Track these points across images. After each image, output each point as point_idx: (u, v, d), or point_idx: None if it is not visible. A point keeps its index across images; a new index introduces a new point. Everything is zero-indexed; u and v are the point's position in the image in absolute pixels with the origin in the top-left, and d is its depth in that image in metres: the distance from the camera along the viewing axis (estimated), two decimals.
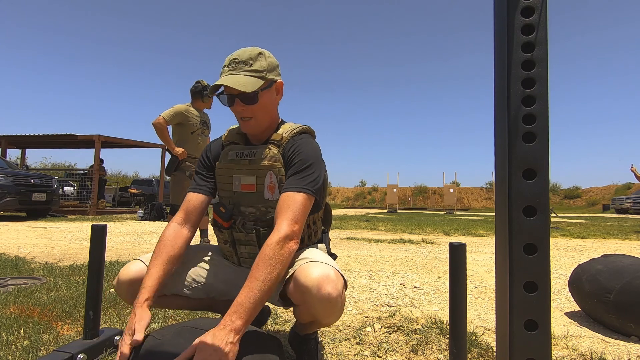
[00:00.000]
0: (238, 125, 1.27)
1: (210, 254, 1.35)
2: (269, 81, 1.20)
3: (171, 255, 1.16)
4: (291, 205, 1.08)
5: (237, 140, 1.29)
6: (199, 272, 1.28)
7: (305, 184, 1.13)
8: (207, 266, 1.30)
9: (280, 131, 1.25)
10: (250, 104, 1.17)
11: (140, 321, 0.99)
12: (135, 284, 1.16)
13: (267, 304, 1.64)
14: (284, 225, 1.04)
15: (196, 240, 3.97)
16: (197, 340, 0.86)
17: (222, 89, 1.19)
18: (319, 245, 1.35)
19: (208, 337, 0.86)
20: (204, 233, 3.99)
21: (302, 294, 1.05)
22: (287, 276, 1.13)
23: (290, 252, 1.03)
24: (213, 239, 4.11)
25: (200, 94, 3.83)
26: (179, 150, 3.75)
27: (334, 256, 1.33)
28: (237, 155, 1.25)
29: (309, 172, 1.16)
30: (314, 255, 1.16)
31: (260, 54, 1.20)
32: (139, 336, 0.95)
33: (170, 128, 3.77)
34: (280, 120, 1.31)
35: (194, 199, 1.27)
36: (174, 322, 1.67)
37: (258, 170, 1.21)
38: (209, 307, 1.36)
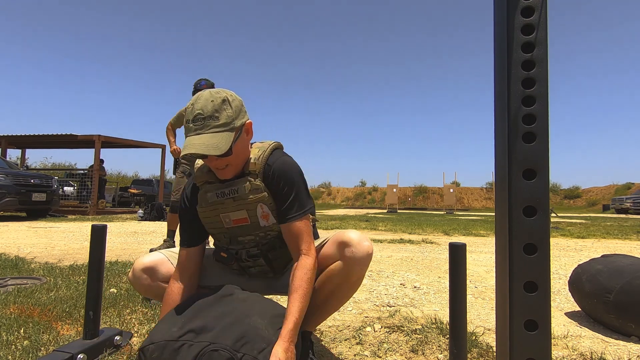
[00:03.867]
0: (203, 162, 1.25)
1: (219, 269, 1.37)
2: (239, 129, 1.15)
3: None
4: (302, 234, 1.19)
5: (210, 179, 1.24)
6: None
7: (304, 208, 1.21)
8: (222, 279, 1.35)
9: (252, 159, 1.21)
10: (224, 156, 1.13)
11: None
12: (148, 272, 1.26)
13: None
14: (311, 250, 1.19)
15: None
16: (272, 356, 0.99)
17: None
18: None
19: (278, 352, 1.00)
20: (172, 234, 3.82)
21: (344, 246, 1.18)
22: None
23: (316, 270, 1.20)
24: None
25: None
26: (173, 148, 3.82)
27: None
28: (217, 195, 1.21)
29: (300, 194, 1.21)
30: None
31: (224, 101, 1.13)
32: None
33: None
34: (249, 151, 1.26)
35: (184, 255, 1.26)
36: None
37: (247, 204, 1.20)
38: None
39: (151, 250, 3.45)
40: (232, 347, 0.96)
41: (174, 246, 3.67)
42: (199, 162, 1.29)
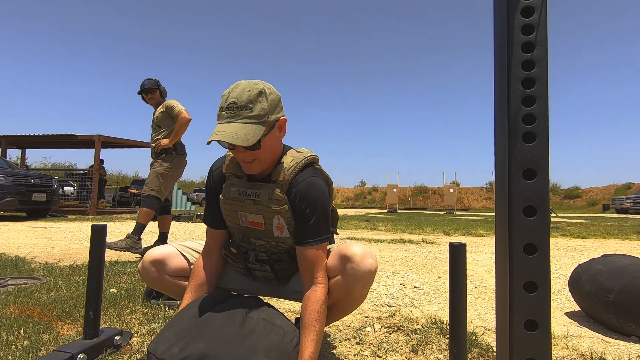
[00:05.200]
0: None
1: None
2: (271, 123, 1.12)
3: (199, 284, 1.26)
4: (316, 261, 1.17)
5: (238, 172, 1.22)
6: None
7: (320, 236, 1.17)
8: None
9: (284, 167, 1.17)
10: (252, 149, 1.11)
11: None
12: (156, 265, 1.29)
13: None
14: (322, 277, 1.17)
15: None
16: None
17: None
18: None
19: None
20: (162, 237, 3.74)
21: (346, 261, 1.14)
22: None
23: (327, 299, 1.17)
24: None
25: (143, 99, 3.85)
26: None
27: None
28: (240, 193, 1.20)
29: (320, 222, 1.17)
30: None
31: (260, 93, 1.09)
32: None
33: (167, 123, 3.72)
34: (282, 150, 1.22)
35: (209, 235, 1.32)
36: None
37: (265, 211, 1.18)
38: None
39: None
40: (260, 350, 0.98)
41: (137, 246, 3.50)
42: (230, 154, 1.26)
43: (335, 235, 1.46)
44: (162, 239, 3.74)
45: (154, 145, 3.69)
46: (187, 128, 3.74)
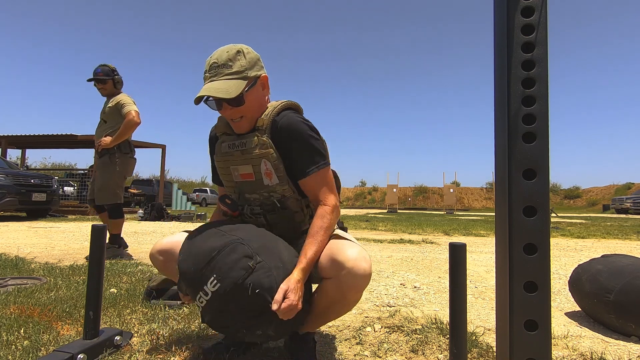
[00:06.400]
0: None
1: None
2: (252, 79, 1.22)
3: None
4: (316, 187, 1.24)
5: (227, 130, 1.31)
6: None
7: (319, 162, 1.23)
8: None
9: (262, 115, 1.26)
10: (237, 106, 1.20)
11: None
12: (164, 254, 1.35)
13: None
14: (329, 199, 1.24)
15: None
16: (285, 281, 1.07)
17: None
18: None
19: (292, 276, 1.09)
20: (113, 239, 3.48)
21: (340, 268, 1.12)
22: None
23: (338, 217, 1.27)
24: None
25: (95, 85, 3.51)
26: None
27: (345, 229, 1.46)
28: (229, 146, 1.29)
29: (312, 149, 1.23)
30: (343, 234, 1.28)
31: (238, 52, 1.20)
32: None
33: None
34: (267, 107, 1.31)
35: (222, 190, 1.46)
36: (173, 322, 1.67)
37: (252, 159, 1.25)
38: None
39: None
40: (255, 251, 1.09)
41: (120, 253, 3.42)
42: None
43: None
44: (114, 241, 3.50)
45: (98, 142, 3.44)
46: (135, 131, 3.48)
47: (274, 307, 1.02)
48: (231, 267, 1.06)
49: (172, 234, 1.41)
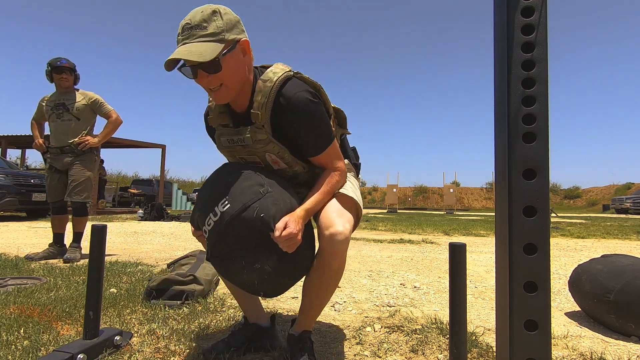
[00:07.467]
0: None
1: None
2: (230, 43, 1.10)
3: None
4: (331, 155, 1.27)
5: (223, 121, 1.27)
6: None
7: (326, 142, 1.25)
8: None
9: (255, 104, 1.18)
10: (214, 72, 1.09)
11: None
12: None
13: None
14: (339, 165, 1.29)
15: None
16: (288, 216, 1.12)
17: (181, 62, 1.09)
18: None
19: (295, 213, 1.13)
20: (77, 237, 3.45)
21: (319, 234, 1.19)
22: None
23: (345, 180, 1.32)
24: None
25: (49, 76, 3.42)
26: (38, 142, 3.48)
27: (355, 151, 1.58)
28: (229, 142, 1.27)
29: (319, 132, 1.23)
30: (345, 192, 1.30)
31: (214, 12, 1.08)
32: None
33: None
34: (252, 78, 1.21)
35: None
36: (173, 322, 1.67)
37: (256, 152, 1.26)
38: None
39: (27, 257, 3.20)
40: (268, 184, 1.16)
41: (63, 252, 3.40)
42: (211, 105, 1.29)
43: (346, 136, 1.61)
44: (59, 240, 3.51)
45: (75, 141, 3.38)
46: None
47: (276, 233, 1.05)
48: (243, 191, 1.12)
49: None
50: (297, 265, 1.18)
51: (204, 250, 2.69)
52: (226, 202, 1.11)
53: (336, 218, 1.18)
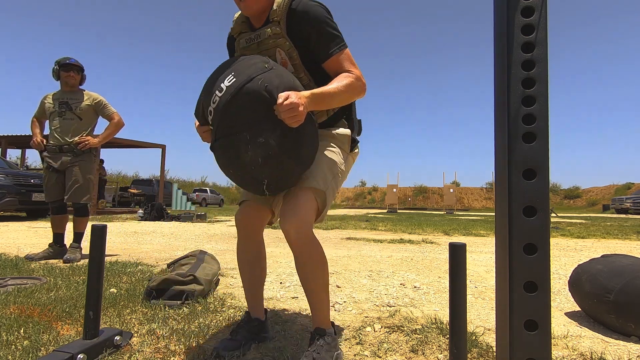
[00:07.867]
0: (239, 12, 1.40)
1: None
2: None
3: None
4: (345, 60, 1.31)
5: (244, 29, 1.39)
6: None
7: (340, 43, 1.31)
8: None
9: (275, 6, 1.30)
10: None
11: None
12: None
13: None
14: (354, 71, 1.32)
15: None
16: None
17: None
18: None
19: (300, 93, 1.16)
20: (77, 237, 3.43)
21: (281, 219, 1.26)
22: None
23: (361, 90, 1.33)
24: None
25: (56, 74, 3.44)
26: (36, 140, 3.45)
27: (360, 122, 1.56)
28: (246, 41, 1.37)
29: (331, 31, 1.29)
30: (314, 176, 1.31)
31: None
32: None
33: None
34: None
35: None
36: (173, 322, 1.67)
37: (267, 50, 1.32)
38: None
39: (27, 257, 3.21)
40: (273, 64, 1.20)
41: (63, 252, 3.38)
42: (235, 18, 1.42)
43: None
44: (59, 240, 3.48)
45: (76, 140, 3.38)
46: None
47: (279, 101, 1.09)
48: (248, 66, 1.17)
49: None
50: (301, 143, 1.19)
51: (204, 250, 2.69)
52: (232, 77, 1.16)
53: (291, 217, 1.24)
